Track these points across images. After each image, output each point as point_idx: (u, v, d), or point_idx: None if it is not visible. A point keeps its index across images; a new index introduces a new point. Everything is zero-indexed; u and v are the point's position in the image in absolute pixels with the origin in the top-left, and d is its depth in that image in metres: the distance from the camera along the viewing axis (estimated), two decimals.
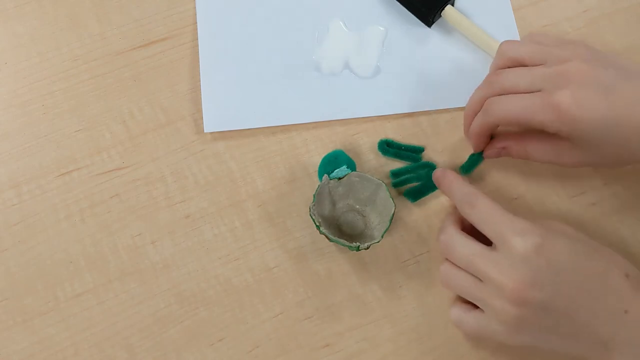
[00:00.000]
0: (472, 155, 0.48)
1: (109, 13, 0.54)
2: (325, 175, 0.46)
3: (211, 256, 0.46)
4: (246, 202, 0.48)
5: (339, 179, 0.46)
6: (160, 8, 0.54)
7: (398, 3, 0.54)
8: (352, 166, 0.47)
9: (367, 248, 0.43)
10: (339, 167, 0.46)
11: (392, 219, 0.44)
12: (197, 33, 0.53)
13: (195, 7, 0.54)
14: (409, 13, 0.53)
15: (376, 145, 0.49)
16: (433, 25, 0.53)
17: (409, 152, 0.49)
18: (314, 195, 0.45)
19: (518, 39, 0.53)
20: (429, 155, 0.49)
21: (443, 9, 0.52)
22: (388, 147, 0.49)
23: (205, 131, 0.49)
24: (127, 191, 0.48)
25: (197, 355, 0.44)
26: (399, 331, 0.45)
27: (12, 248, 0.46)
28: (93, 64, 0.52)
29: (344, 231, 0.46)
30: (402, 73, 0.52)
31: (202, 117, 0.50)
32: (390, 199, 0.44)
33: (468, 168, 0.48)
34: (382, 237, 0.44)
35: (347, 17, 0.53)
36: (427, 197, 0.48)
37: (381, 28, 0.53)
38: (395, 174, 0.48)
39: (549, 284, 0.36)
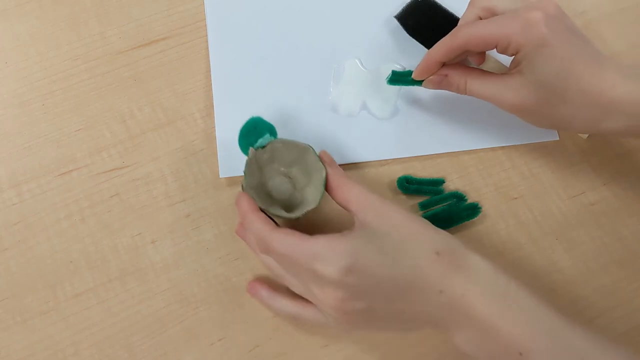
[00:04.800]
0: (410, 75, 0.47)
1: (109, 13, 0.54)
2: (251, 148, 0.44)
3: (211, 256, 0.46)
4: None
5: (263, 147, 0.44)
6: (161, 8, 0.54)
7: (414, 40, 0.53)
8: (273, 132, 0.45)
9: (305, 214, 0.42)
10: (261, 136, 0.44)
11: (324, 183, 0.42)
12: (197, 34, 0.53)
13: (193, 9, 0.54)
14: (426, 50, 0.51)
15: (392, 184, 0.49)
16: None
17: (430, 186, 0.48)
18: (245, 172, 0.43)
19: None
20: (447, 185, 0.49)
21: None
22: (408, 184, 0.48)
23: (220, 177, 0.48)
24: (127, 191, 0.48)
25: (197, 355, 0.44)
26: None
27: (12, 247, 0.46)
28: (93, 63, 0.52)
29: (274, 197, 0.45)
30: (421, 113, 0.51)
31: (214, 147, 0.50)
32: (319, 163, 0.43)
33: (395, 80, 0.49)
34: (318, 203, 0.43)
35: (363, 55, 0.52)
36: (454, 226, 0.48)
37: (398, 66, 0.52)
38: (423, 205, 0.48)
39: (365, 295, 0.37)
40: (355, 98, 0.51)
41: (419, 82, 0.47)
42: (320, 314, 0.40)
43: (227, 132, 0.49)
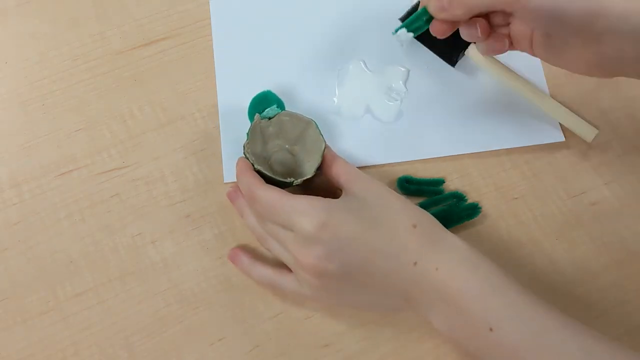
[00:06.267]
0: (425, 13, 0.43)
1: (109, 13, 0.54)
2: (257, 114, 0.45)
3: (211, 256, 0.46)
4: None
5: (269, 118, 0.46)
6: (161, 8, 0.54)
7: (420, 43, 0.52)
8: (281, 106, 0.47)
9: (301, 183, 0.44)
10: (269, 107, 0.46)
11: (323, 154, 0.44)
12: (197, 33, 0.53)
13: (193, 9, 0.54)
14: (431, 53, 0.52)
15: (392, 184, 0.48)
16: (457, 65, 0.52)
17: (430, 186, 0.48)
18: (247, 134, 0.44)
19: (543, 76, 0.52)
20: (447, 185, 0.49)
21: (467, 47, 0.50)
22: (408, 185, 0.48)
23: (224, 181, 0.48)
24: (127, 190, 0.48)
25: (197, 355, 0.44)
26: (399, 331, 0.45)
27: (12, 247, 0.46)
28: (93, 63, 0.52)
29: (275, 170, 0.46)
30: (425, 116, 0.50)
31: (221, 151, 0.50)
32: (320, 136, 0.45)
33: (411, 24, 0.44)
34: (314, 172, 0.44)
35: (368, 57, 0.52)
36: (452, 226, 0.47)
37: (402, 68, 0.52)
38: (423, 206, 0.47)
39: (339, 254, 0.39)
40: (359, 101, 0.51)
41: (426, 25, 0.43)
42: (297, 281, 0.41)
43: (232, 135, 0.49)
